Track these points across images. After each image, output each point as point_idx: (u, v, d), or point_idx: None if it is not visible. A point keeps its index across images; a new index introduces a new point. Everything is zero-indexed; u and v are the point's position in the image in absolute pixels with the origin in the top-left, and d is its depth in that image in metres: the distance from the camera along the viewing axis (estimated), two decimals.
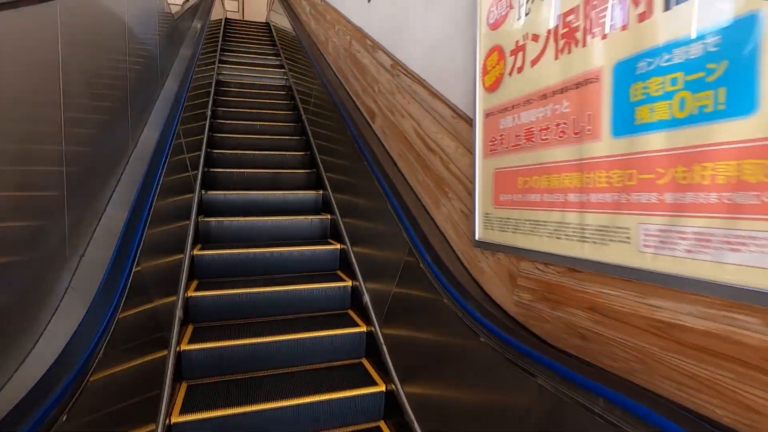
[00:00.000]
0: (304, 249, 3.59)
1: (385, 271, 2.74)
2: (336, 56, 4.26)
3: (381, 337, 2.68)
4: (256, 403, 2.45)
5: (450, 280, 1.79)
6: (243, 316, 3.17)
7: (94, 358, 1.42)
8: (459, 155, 1.94)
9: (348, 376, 2.73)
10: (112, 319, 1.57)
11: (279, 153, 4.81)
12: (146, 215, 2.16)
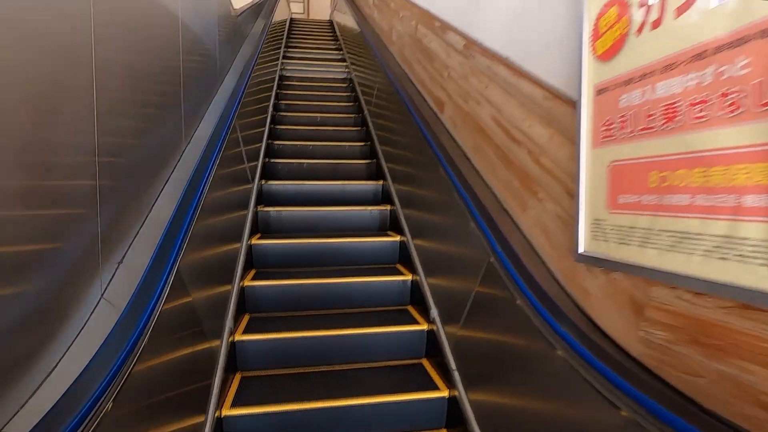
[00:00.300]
0: (362, 240, 3.17)
1: (452, 269, 2.26)
2: (400, 45, 3.75)
3: (444, 338, 2.23)
4: (311, 401, 2.10)
5: (542, 298, 1.31)
6: (299, 307, 2.79)
7: (128, 365, 1.08)
8: (554, 146, 1.42)
9: (407, 378, 2.31)
10: (147, 323, 1.21)
11: (339, 144, 4.40)
12: (192, 210, 1.78)
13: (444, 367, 2.21)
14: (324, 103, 5.30)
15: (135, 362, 1.12)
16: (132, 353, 1.11)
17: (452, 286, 2.26)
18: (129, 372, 1.08)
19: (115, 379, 1.01)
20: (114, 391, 1.00)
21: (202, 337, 1.99)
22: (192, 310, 1.84)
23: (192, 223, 1.77)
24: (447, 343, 2.21)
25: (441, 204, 2.47)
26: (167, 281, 1.43)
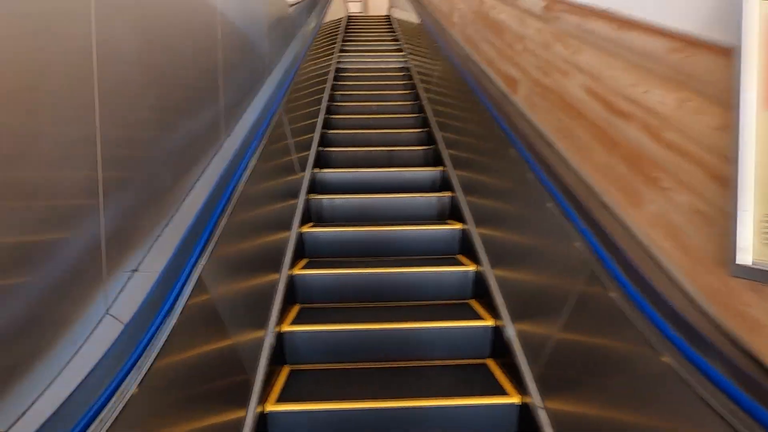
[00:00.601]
0: (421, 228, 2.94)
1: (529, 266, 1.98)
2: (462, 25, 3.47)
3: (514, 338, 1.95)
4: (364, 400, 1.89)
5: (674, 322, 1.01)
6: (352, 298, 2.60)
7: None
8: (687, 114, 1.10)
9: (471, 379, 2.06)
10: (153, 339, 1.02)
11: (395, 131, 4.21)
12: (222, 206, 1.62)
13: (513, 370, 1.94)
14: (380, 92, 5.15)
15: (144, 375, 0.95)
16: (134, 368, 0.92)
17: (528, 284, 1.97)
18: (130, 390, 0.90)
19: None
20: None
21: (240, 330, 1.83)
22: (224, 308, 1.68)
23: (220, 219, 1.59)
24: (518, 343, 1.94)
25: (513, 192, 2.19)
26: (181, 292, 1.21)
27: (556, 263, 1.69)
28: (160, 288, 1.15)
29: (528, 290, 1.93)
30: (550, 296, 1.71)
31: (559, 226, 1.61)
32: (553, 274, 1.73)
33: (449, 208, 3.21)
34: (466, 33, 3.35)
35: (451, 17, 3.92)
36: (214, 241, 1.50)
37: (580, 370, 1.48)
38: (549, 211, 1.69)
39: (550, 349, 1.69)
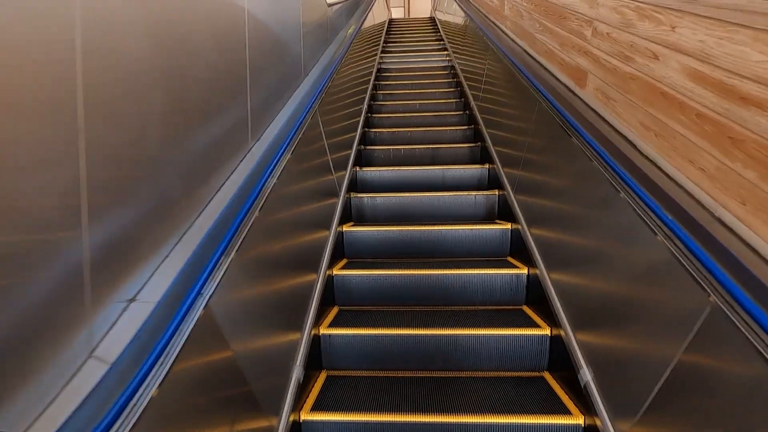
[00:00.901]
0: (468, 228, 2.73)
1: (602, 276, 1.73)
2: (515, 17, 3.22)
3: (578, 350, 1.71)
4: (408, 413, 1.70)
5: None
6: (394, 301, 2.42)
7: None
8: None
9: (526, 394, 1.82)
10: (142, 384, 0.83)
11: (439, 129, 4.01)
12: (243, 216, 1.38)
13: (574, 386, 1.70)
14: (423, 91, 4.96)
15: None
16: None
17: (600, 294, 1.73)
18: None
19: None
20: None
21: (280, 327, 1.69)
22: (269, 298, 1.54)
23: (241, 228, 1.37)
24: (582, 356, 1.69)
25: (576, 192, 1.94)
26: (181, 324, 0.99)
27: (635, 272, 1.44)
28: (156, 319, 0.94)
29: (595, 297, 1.68)
30: (627, 307, 1.46)
31: (648, 240, 1.33)
32: (628, 284, 1.48)
33: (498, 207, 2.98)
34: (519, 26, 3.11)
35: (501, 11, 3.70)
36: (231, 255, 1.28)
37: (649, 384, 1.23)
38: (628, 215, 1.44)
39: (619, 364, 1.45)
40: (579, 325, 1.74)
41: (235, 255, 1.30)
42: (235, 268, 1.30)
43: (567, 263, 1.93)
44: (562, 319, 1.85)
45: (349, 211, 3.05)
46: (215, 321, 1.16)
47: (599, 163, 1.65)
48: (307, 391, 1.84)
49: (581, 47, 2.05)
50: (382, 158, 3.68)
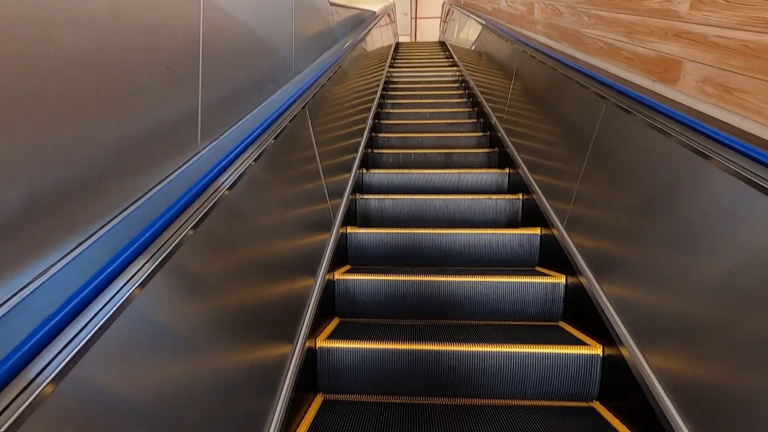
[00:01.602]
0: (487, 233, 2.35)
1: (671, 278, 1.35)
2: (551, 18, 2.82)
3: (649, 373, 1.30)
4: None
5: None
6: (404, 313, 2.02)
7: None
8: None
9: (576, 427, 1.42)
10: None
11: (458, 152, 3.68)
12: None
13: (643, 422, 1.30)
14: (437, 110, 4.64)
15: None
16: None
17: (692, 307, 1.34)
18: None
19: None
20: None
21: (267, 339, 1.29)
22: (256, 307, 1.15)
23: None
24: (662, 390, 1.28)
25: (651, 197, 1.54)
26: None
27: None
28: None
29: (683, 311, 1.29)
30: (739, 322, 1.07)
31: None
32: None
33: (523, 213, 2.61)
34: (558, 27, 2.70)
35: (529, 16, 3.37)
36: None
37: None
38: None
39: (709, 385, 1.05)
40: (652, 345, 1.33)
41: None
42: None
43: (631, 271, 1.53)
44: (625, 338, 1.44)
45: (354, 215, 2.69)
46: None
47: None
48: (297, 419, 1.43)
49: (669, 29, 1.56)
50: (389, 163, 3.35)
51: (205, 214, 0.97)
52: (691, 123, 1.27)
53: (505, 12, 4.10)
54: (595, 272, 1.71)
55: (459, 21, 6.85)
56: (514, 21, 3.73)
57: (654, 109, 1.47)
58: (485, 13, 5.04)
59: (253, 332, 1.23)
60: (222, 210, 1.06)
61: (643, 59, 1.73)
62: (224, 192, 1.09)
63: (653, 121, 1.46)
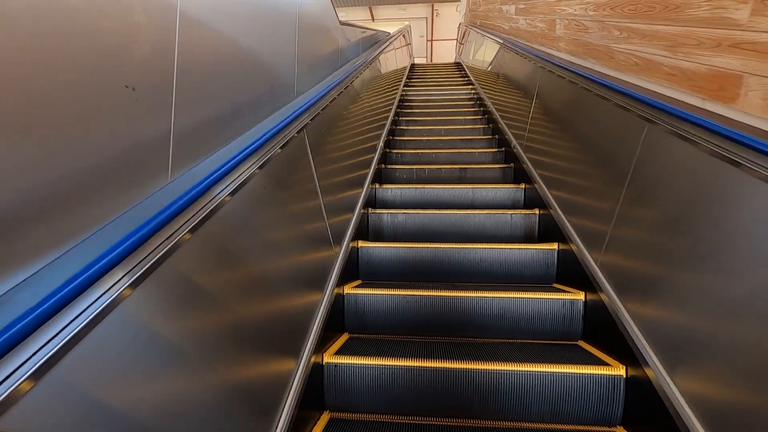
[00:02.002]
0: (502, 248, 2.27)
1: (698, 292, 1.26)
2: (575, 34, 2.56)
3: (679, 397, 1.21)
4: None
5: None
6: (417, 330, 1.95)
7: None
8: None
9: None
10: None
11: (467, 160, 3.63)
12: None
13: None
14: (449, 124, 4.62)
15: None
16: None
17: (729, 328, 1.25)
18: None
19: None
20: None
21: (271, 355, 1.23)
22: (257, 321, 1.10)
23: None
24: (692, 415, 1.18)
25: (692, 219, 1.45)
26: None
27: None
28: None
29: (716, 332, 1.20)
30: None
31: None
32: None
33: (539, 229, 2.53)
34: (584, 42, 2.44)
35: (550, 33, 3.20)
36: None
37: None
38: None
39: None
40: (681, 367, 1.24)
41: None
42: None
43: (657, 289, 1.44)
44: (650, 358, 1.34)
45: (366, 230, 2.63)
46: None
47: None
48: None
49: (724, 40, 1.36)
50: (403, 179, 3.30)
51: (199, 223, 0.93)
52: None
53: (524, 30, 4.02)
54: (617, 289, 1.62)
55: (475, 42, 6.83)
56: (534, 39, 3.62)
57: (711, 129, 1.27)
58: (503, 32, 4.98)
59: (254, 347, 1.17)
60: (215, 224, 1.02)
61: (689, 75, 1.50)
62: (224, 199, 1.05)
63: (708, 143, 1.31)
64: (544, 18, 3.37)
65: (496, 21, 5.62)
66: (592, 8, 2.31)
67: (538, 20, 3.57)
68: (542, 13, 3.40)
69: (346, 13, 14.03)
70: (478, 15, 7.36)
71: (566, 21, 2.78)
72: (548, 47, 3.15)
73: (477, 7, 7.66)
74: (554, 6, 3.05)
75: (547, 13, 3.26)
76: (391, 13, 14.45)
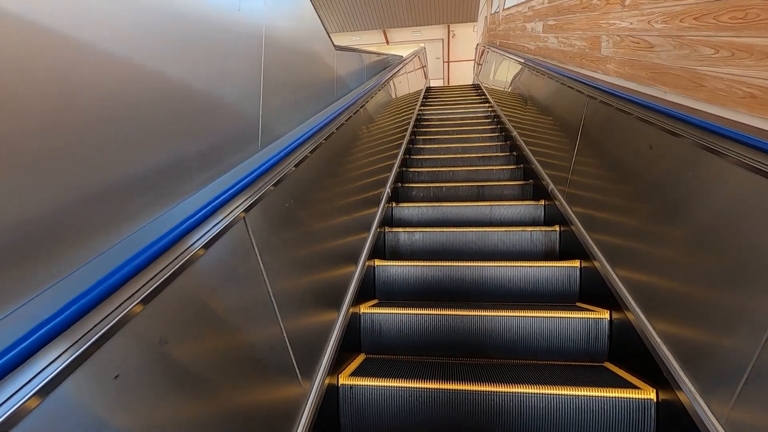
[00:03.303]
0: (523, 266, 2.21)
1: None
2: (635, 52, 1.99)
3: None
4: None
5: None
6: (435, 350, 1.89)
7: None
8: None
9: None
10: None
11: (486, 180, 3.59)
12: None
13: None
14: (467, 143, 4.59)
15: None
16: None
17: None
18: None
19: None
20: None
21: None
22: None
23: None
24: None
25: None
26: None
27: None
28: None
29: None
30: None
31: None
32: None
33: (560, 246, 2.46)
34: (646, 64, 1.88)
35: (593, 53, 2.58)
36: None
37: None
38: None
39: None
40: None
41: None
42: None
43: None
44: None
45: (383, 249, 2.60)
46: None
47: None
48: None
49: None
50: (419, 198, 3.28)
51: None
52: None
53: (556, 50, 3.49)
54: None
55: (495, 62, 6.54)
56: (569, 59, 3.07)
57: None
58: (527, 52, 4.62)
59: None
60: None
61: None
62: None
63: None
64: (583, 35, 2.82)
65: (518, 40, 5.24)
66: (660, 20, 1.80)
67: (574, 38, 3.01)
68: (581, 29, 2.86)
69: (360, 37, 14.13)
70: (497, 35, 7.16)
71: (617, 37, 2.24)
72: (590, 69, 2.59)
73: (496, 26, 7.47)
74: (598, 20, 2.53)
75: (587, 28, 2.73)
76: (406, 36, 14.43)
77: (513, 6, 5.89)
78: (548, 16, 3.81)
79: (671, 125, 1.51)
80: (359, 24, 13.33)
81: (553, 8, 3.65)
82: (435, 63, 14.95)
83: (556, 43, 3.46)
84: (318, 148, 1.74)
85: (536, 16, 4.28)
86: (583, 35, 2.81)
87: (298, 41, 1.84)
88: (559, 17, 3.44)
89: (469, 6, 12.58)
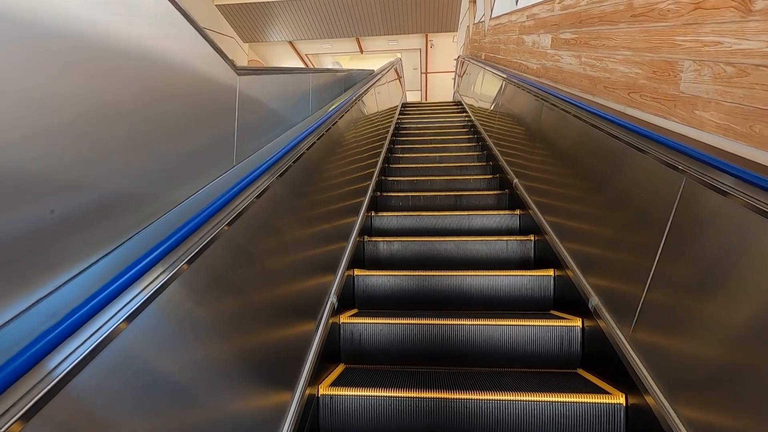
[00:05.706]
0: (499, 275, 2.27)
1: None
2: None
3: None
4: None
5: None
6: (413, 359, 1.92)
7: None
8: None
9: None
10: None
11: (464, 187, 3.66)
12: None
13: None
14: (444, 153, 4.67)
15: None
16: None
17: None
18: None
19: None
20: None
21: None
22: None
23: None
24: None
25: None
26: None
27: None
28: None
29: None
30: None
31: None
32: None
33: (535, 254, 2.53)
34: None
35: (660, 85, 1.67)
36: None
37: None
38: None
39: None
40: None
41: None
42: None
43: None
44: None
45: (362, 258, 2.62)
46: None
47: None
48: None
49: None
50: (398, 207, 3.32)
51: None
52: None
53: (575, 73, 2.58)
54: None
55: (480, 78, 5.45)
56: (605, 91, 2.18)
57: None
58: (528, 72, 3.63)
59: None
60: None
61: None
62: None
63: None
64: (634, 57, 1.92)
65: (512, 56, 4.26)
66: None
67: (614, 60, 2.10)
68: (629, 47, 1.97)
69: (332, 44, 13.27)
70: (482, 47, 6.30)
71: (724, 67, 1.34)
72: (651, 112, 1.74)
73: (480, 38, 6.53)
74: (672, 35, 1.65)
75: (644, 48, 1.83)
76: (382, 45, 13.66)
77: (504, 14, 4.86)
78: (561, 27, 2.89)
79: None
80: (330, 32, 12.34)
81: (571, 17, 2.73)
82: (413, 74, 14.83)
83: (577, 64, 2.56)
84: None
85: (540, 27, 3.39)
86: (634, 57, 1.90)
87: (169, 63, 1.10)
88: (582, 29, 2.53)
89: (449, 15, 11.66)
